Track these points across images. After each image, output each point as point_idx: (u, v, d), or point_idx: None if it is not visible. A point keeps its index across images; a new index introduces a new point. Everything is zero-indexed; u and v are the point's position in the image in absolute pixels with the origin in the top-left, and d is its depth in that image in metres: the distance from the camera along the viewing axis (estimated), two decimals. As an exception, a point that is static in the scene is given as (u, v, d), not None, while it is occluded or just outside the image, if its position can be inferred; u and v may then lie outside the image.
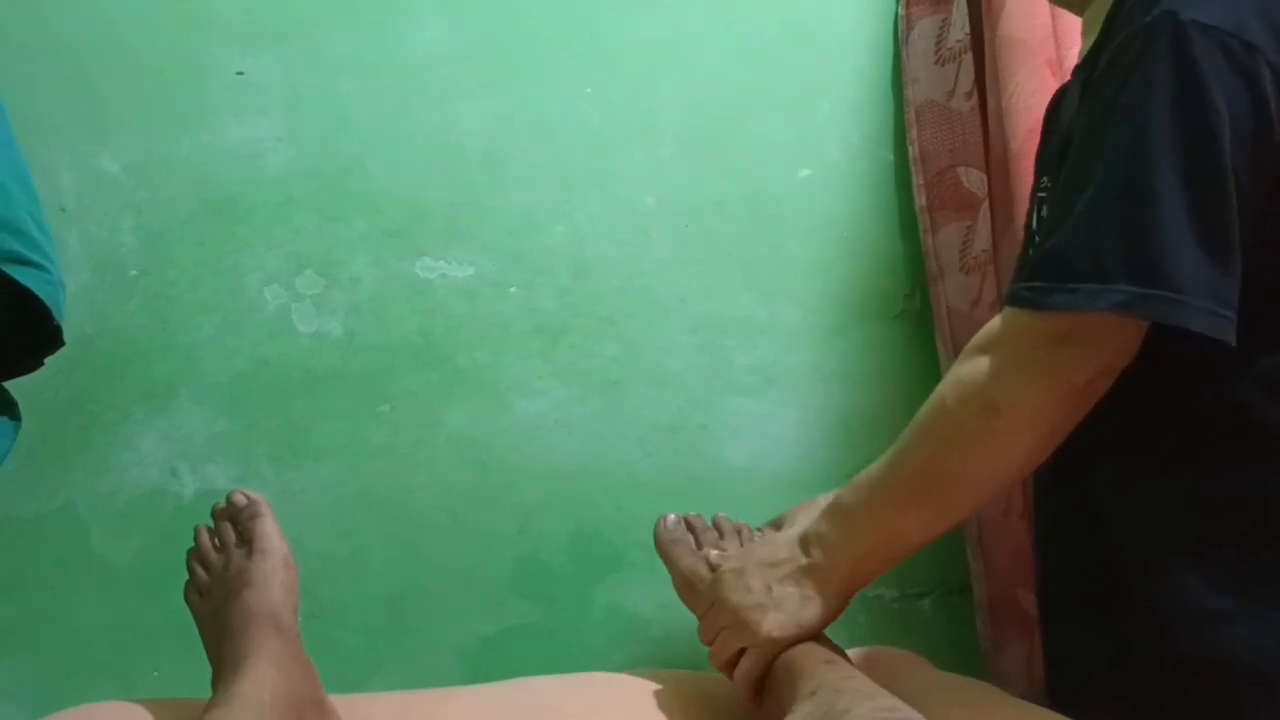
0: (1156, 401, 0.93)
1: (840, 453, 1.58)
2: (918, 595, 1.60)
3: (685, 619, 1.55)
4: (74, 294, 1.45)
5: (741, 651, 1.01)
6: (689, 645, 1.56)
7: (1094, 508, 0.99)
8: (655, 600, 1.56)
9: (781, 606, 0.99)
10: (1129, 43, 0.87)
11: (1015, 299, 0.91)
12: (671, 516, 1.19)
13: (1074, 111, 0.96)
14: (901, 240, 1.62)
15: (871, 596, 1.58)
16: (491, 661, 1.53)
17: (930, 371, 1.60)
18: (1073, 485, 1.01)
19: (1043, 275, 0.88)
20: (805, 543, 1.01)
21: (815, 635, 1.01)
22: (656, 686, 1.12)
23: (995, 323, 0.93)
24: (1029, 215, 1.11)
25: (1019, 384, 0.89)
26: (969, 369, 0.92)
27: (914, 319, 1.62)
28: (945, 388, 0.95)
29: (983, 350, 0.92)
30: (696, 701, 1.07)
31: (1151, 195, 0.84)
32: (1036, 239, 1.03)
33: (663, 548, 1.17)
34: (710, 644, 1.05)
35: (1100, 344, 0.87)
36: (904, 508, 0.97)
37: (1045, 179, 1.04)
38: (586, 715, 1.06)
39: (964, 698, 1.03)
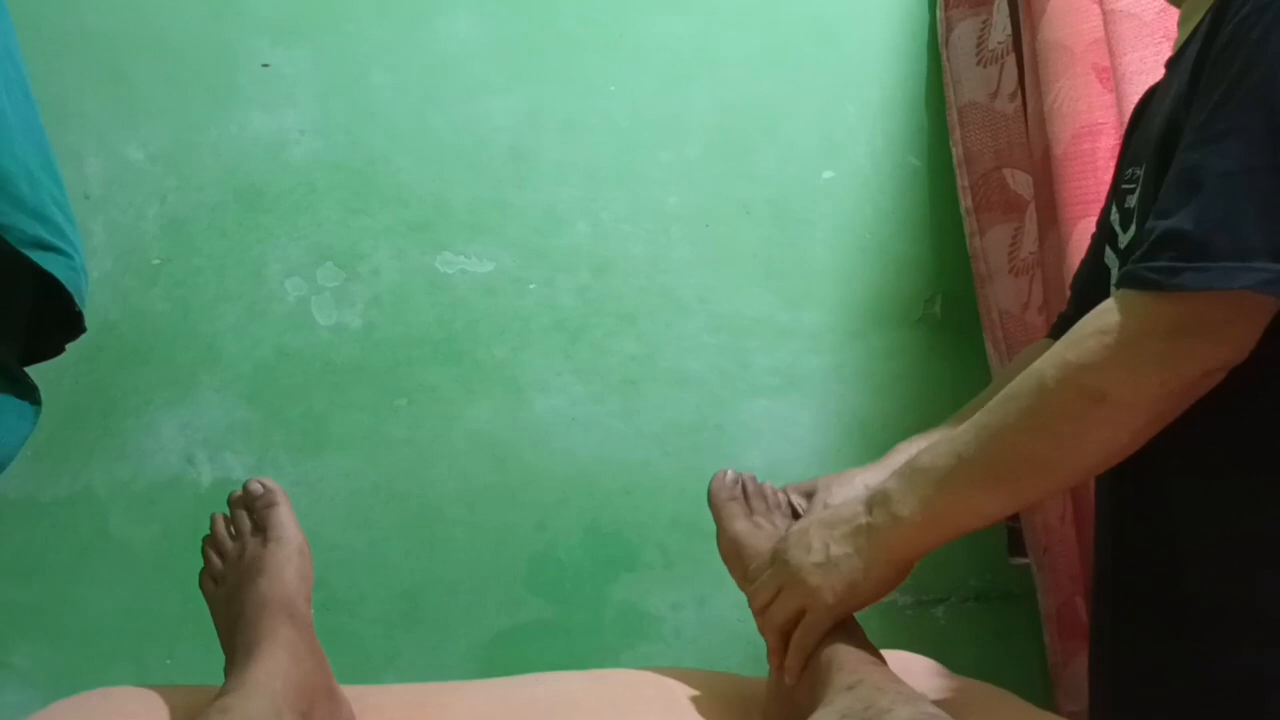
0: (1250, 404, 0.89)
1: (858, 456, 1.57)
2: (932, 602, 1.59)
3: (698, 619, 1.56)
4: (97, 281, 1.46)
5: (799, 615, 0.97)
6: (701, 645, 1.56)
7: (1170, 512, 0.95)
8: (668, 600, 1.56)
9: (838, 568, 0.96)
10: (1254, 17, 0.83)
11: (1134, 280, 0.85)
12: (730, 473, 1.14)
13: (1177, 99, 0.92)
14: (924, 245, 1.62)
15: (885, 602, 1.57)
16: (505, 656, 1.53)
17: (949, 376, 1.59)
18: (1146, 487, 0.97)
19: (1169, 255, 0.82)
20: (871, 502, 0.97)
21: (869, 603, 0.98)
22: (669, 684, 1.11)
23: (1108, 305, 0.88)
24: (1104, 210, 1.08)
25: (1132, 372, 0.85)
26: (1077, 352, 0.87)
27: (934, 324, 1.61)
28: (1049, 370, 0.89)
29: (1094, 334, 0.87)
30: (708, 699, 1.07)
31: None
32: (1119, 230, 1.00)
33: (717, 505, 1.12)
34: (764, 607, 1.00)
35: (1223, 332, 0.83)
36: (984, 485, 0.92)
37: (1132, 170, 1.00)
38: (599, 711, 1.06)
39: (980, 703, 1.02)
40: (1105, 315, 0.87)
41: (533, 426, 1.56)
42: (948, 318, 1.61)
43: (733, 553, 1.09)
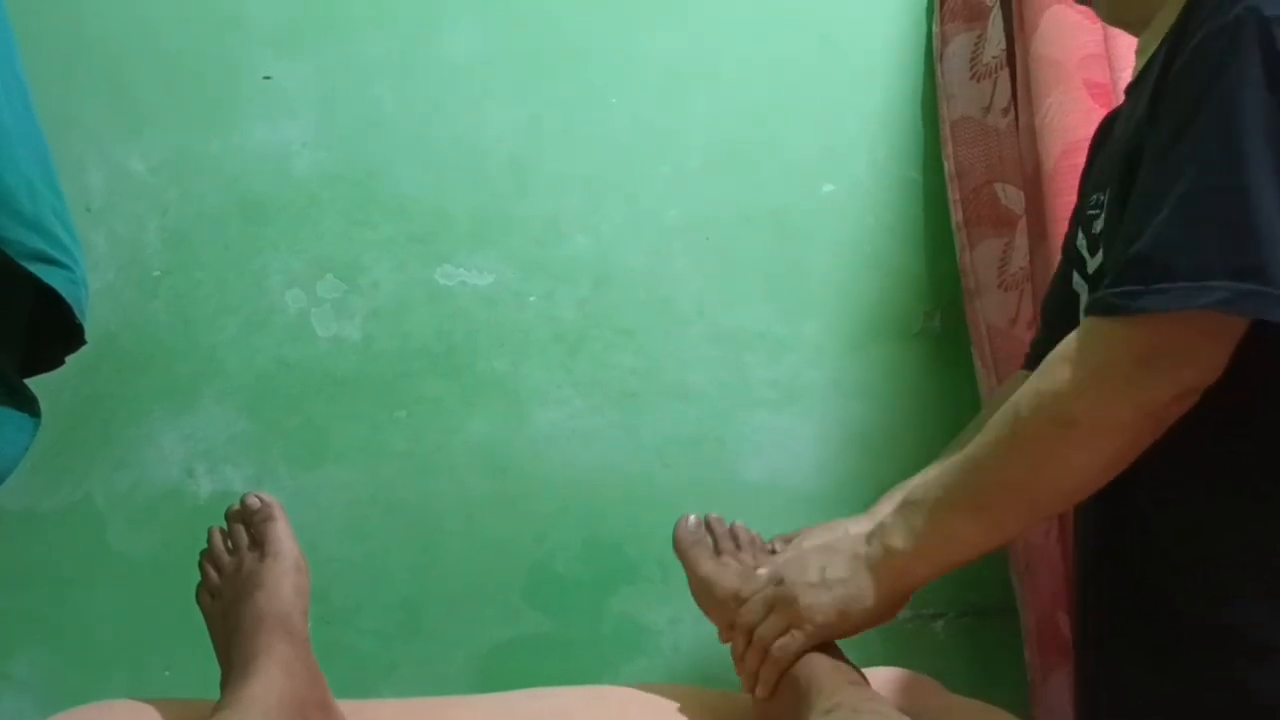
0: (1234, 428, 0.89)
1: (858, 469, 1.57)
2: (931, 617, 1.59)
3: (695, 633, 1.56)
4: (98, 292, 1.46)
5: (785, 634, 0.99)
6: (699, 659, 1.56)
7: (1155, 535, 0.95)
8: (667, 613, 1.56)
9: (831, 591, 0.98)
10: (1210, 42, 0.84)
11: (1100, 306, 0.86)
12: (693, 518, 1.16)
13: (1137, 123, 0.93)
14: (923, 259, 1.62)
15: (885, 616, 1.57)
16: (503, 669, 1.53)
17: (948, 390, 1.59)
18: (1131, 507, 0.97)
19: (1131, 279, 0.83)
20: (869, 534, 1.00)
21: (860, 629, 0.99)
22: (666, 701, 1.11)
23: (1078, 333, 0.88)
24: (1069, 235, 1.09)
25: (1102, 398, 0.85)
26: (1049, 381, 0.88)
27: (934, 338, 1.61)
28: (1023, 400, 0.90)
29: (1063, 362, 0.88)
30: (703, 717, 1.07)
31: (1250, 193, 0.80)
32: (1087, 255, 1.01)
33: (682, 550, 1.14)
34: (754, 626, 1.02)
35: (1191, 355, 0.83)
36: (966, 516, 0.94)
37: (1096, 196, 1.01)
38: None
39: (972, 721, 1.02)
40: (1075, 343, 0.88)
41: (532, 439, 1.56)
42: (948, 331, 1.60)
43: (704, 593, 1.11)
